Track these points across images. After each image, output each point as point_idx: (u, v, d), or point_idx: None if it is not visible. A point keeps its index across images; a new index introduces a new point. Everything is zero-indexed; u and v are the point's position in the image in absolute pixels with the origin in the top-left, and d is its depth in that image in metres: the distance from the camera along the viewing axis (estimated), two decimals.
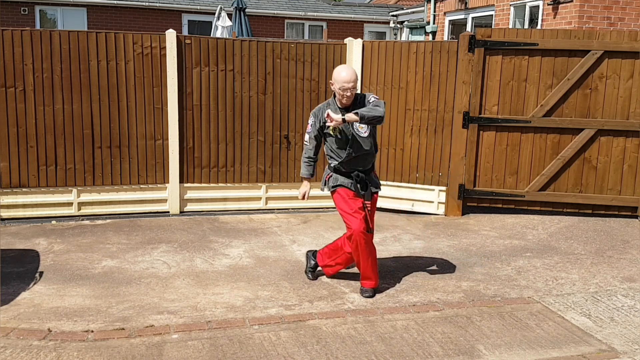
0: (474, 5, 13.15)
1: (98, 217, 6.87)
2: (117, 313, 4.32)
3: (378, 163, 7.49)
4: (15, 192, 6.65)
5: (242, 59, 7.10)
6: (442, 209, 7.37)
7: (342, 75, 4.54)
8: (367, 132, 4.68)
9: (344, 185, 4.74)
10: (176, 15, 18.43)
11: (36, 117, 6.60)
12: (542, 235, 6.56)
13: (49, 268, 5.22)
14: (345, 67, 4.63)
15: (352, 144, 4.64)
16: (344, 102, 4.63)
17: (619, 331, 4.21)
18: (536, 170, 7.13)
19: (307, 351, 3.82)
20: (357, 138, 4.65)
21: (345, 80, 4.52)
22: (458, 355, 3.83)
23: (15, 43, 6.45)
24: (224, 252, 5.79)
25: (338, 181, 4.77)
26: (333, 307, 4.52)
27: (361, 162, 4.74)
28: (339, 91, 4.57)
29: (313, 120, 4.77)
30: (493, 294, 4.86)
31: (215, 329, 4.09)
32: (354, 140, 4.64)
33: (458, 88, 7.09)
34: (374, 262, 4.80)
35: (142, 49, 6.81)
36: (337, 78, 4.56)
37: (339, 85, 4.55)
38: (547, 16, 10.76)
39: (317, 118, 4.74)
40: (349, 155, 4.66)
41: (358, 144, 4.66)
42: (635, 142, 6.98)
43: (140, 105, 6.89)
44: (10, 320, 4.15)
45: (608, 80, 6.90)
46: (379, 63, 7.34)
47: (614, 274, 5.38)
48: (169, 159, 6.99)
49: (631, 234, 6.58)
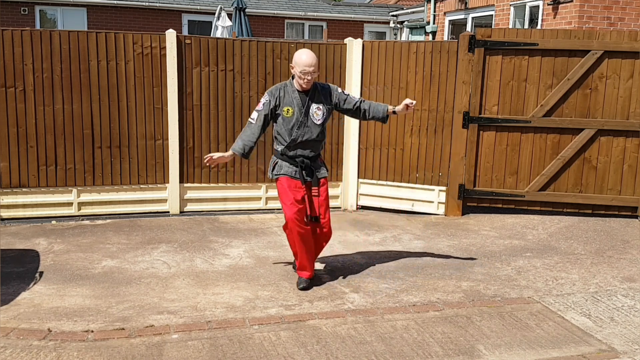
0: (474, 5, 13.15)
1: (98, 217, 6.87)
2: (117, 313, 4.32)
3: (378, 163, 7.50)
4: (15, 192, 6.65)
5: (242, 59, 7.10)
6: (442, 209, 7.37)
7: (304, 59, 4.59)
8: (321, 120, 4.76)
9: (288, 175, 4.77)
10: (176, 15, 18.44)
11: (36, 117, 6.60)
12: (542, 235, 6.56)
13: (49, 268, 5.22)
14: (306, 51, 4.67)
15: (302, 128, 4.70)
16: (304, 87, 4.69)
17: (619, 331, 4.21)
18: (536, 170, 7.13)
19: (307, 351, 3.82)
20: (310, 123, 4.72)
21: (307, 64, 4.58)
22: (458, 355, 3.83)
23: (15, 43, 6.45)
24: (224, 252, 5.79)
25: (282, 169, 4.80)
26: (333, 307, 4.52)
27: (308, 148, 4.79)
28: (300, 74, 4.62)
29: (268, 99, 4.72)
30: (493, 294, 4.86)
31: (215, 329, 4.09)
32: (305, 125, 4.71)
33: (458, 88, 7.10)
34: (311, 252, 4.90)
35: (142, 49, 6.81)
36: (299, 61, 4.61)
37: (300, 69, 4.60)
38: (547, 16, 10.76)
39: (273, 97, 4.72)
40: (295, 139, 4.71)
41: (309, 130, 4.72)
42: (635, 142, 6.98)
43: (140, 105, 6.89)
44: (10, 320, 4.15)
45: (608, 80, 6.90)
46: (379, 63, 7.34)
47: (614, 274, 5.38)
48: (169, 159, 6.99)
49: (631, 234, 6.58)
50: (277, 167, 4.84)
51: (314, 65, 4.61)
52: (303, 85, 4.68)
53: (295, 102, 4.70)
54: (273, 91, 4.76)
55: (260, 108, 4.73)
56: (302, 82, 4.66)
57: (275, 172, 4.85)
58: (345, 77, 7.41)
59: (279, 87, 4.78)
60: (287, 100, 4.71)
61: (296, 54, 4.68)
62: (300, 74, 4.62)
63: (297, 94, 4.71)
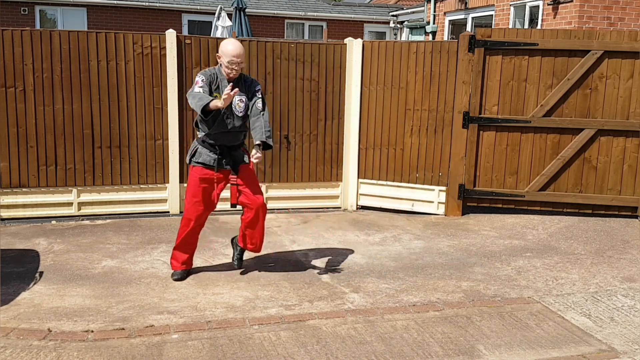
0: (474, 5, 13.15)
1: (98, 217, 6.87)
2: (117, 313, 4.32)
3: (378, 163, 7.50)
4: (15, 192, 6.65)
5: None
6: (442, 209, 7.37)
7: (230, 49, 4.63)
8: (243, 112, 4.77)
9: (205, 163, 4.79)
10: (176, 15, 18.44)
11: (36, 117, 6.60)
12: (542, 235, 6.56)
13: (49, 268, 5.22)
14: (232, 41, 4.71)
15: (225, 117, 4.70)
16: (231, 76, 4.71)
17: (619, 331, 4.22)
18: (536, 170, 7.13)
19: (307, 351, 3.82)
20: (232, 114, 4.73)
21: (234, 54, 4.62)
22: (458, 355, 3.83)
23: (15, 43, 6.45)
24: (224, 252, 5.79)
25: (200, 157, 4.82)
26: (333, 307, 4.52)
27: (228, 139, 4.80)
28: (227, 64, 4.65)
29: (203, 78, 4.68)
30: (493, 294, 4.86)
31: (215, 329, 4.09)
32: (227, 115, 4.71)
33: (458, 88, 7.10)
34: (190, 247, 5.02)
35: (142, 49, 6.81)
36: (225, 51, 4.64)
37: (227, 59, 4.63)
38: (547, 16, 10.76)
39: (207, 77, 4.70)
40: (217, 127, 4.72)
41: (231, 121, 4.74)
42: (635, 142, 6.98)
43: (140, 105, 6.89)
44: (10, 320, 4.15)
45: (608, 80, 6.90)
46: (379, 63, 7.34)
47: (614, 274, 5.38)
48: (169, 159, 6.99)
49: (631, 234, 6.58)
50: (196, 154, 4.85)
51: (241, 56, 4.65)
52: (230, 75, 4.71)
53: (223, 90, 4.68)
54: (207, 72, 4.75)
55: (201, 84, 4.65)
56: (230, 72, 4.68)
57: (194, 159, 4.85)
58: (345, 77, 7.41)
59: (212, 71, 4.77)
60: (218, 85, 4.73)
61: (222, 43, 4.72)
62: (228, 63, 4.64)
63: (226, 82, 4.72)
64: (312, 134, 7.41)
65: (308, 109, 7.34)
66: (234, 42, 4.72)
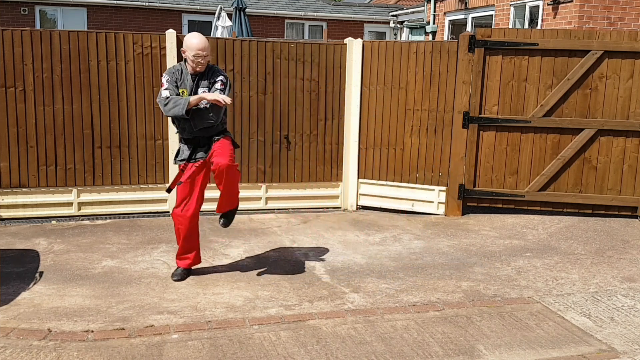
0: (474, 5, 13.15)
1: (98, 217, 6.87)
2: (117, 313, 4.32)
3: (378, 163, 7.50)
4: (15, 192, 6.65)
5: (242, 59, 7.10)
6: (442, 209, 7.37)
7: (195, 42, 4.60)
8: (208, 104, 4.67)
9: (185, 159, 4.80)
10: (176, 15, 18.44)
11: (36, 117, 6.60)
12: (542, 235, 6.56)
13: (49, 268, 5.22)
14: (196, 35, 4.67)
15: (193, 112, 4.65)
16: (197, 70, 4.69)
17: (619, 331, 4.21)
18: (536, 170, 7.13)
19: (307, 351, 3.82)
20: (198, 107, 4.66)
21: (199, 47, 4.59)
22: (458, 355, 3.83)
23: (15, 43, 6.45)
24: (224, 252, 5.79)
25: (183, 155, 4.85)
26: (333, 307, 4.52)
27: (203, 131, 4.76)
28: (192, 58, 4.63)
29: (168, 78, 4.70)
30: (493, 294, 4.86)
31: (215, 329, 4.09)
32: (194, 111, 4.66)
33: (458, 88, 7.10)
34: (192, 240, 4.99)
35: (142, 49, 6.81)
36: (190, 45, 4.61)
37: (192, 53, 4.61)
38: (547, 16, 10.76)
39: (173, 76, 4.71)
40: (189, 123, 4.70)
41: (200, 114, 4.68)
42: (635, 142, 6.98)
43: (140, 105, 6.89)
44: (10, 320, 4.15)
45: (608, 80, 6.90)
46: (379, 63, 7.34)
47: (614, 274, 5.38)
48: (169, 159, 6.99)
49: (631, 234, 6.58)
50: (179, 153, 4.89)
51: (206, 49, 4.63)
52: (197, 69, 4.69)
53: (188, 85, 4.71)
54: (171, 70, 4.77)
55: (167, 86, 4.67)
56: (196, 66, 4.67)
57: (177, 158, 4.89)
58: (345, 77, 7.41)
59: (177, 68, 4.77)
60: (183, 81, 4.73)
61: (186, 37, 4.70)
62: (194, 57, 4.62)
63: (189, 77, 4.72)
64: (312, 134, 7.41)
65: (308, 108, 7.34)
66: (197, 35, 4.68)
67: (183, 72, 4.74)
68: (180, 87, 4.72)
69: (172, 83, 4.69)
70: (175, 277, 5.01)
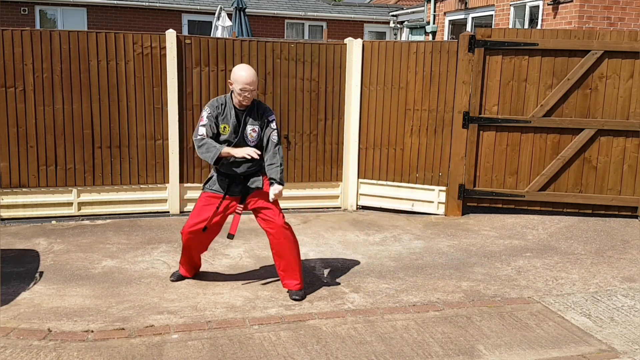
0: (474, 5, 13.15)
1: (98, 217, 6.87)
2: (117, 313, 4.32)
3: (378, 163, 7.50)
4: (15, 192, 6.65)
5: (242, 59, 7.09)
6: (442, 209, 7.37)
7: (243, 76, 4.40)
8: (255, 142, 4.56)
9: (217, 191, 4.64)
10: (176, 15, 18.44)
11: (36, 117, 6.60)
12: (542, 235, 6.56)
13: (49, 268, 5.22)
14: (246, 67, 4.46)
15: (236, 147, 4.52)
16: (244, 104, 4.49)
17: (619, 331, 4.22)
18: (536, 170, 7.13)
19: (307, 351, 3.82)
20: (243, 144, 4.53)
21: (247, 82, 4.39)
22: (458, 355, 3.83)
23: (15, 43, 6.45)
24: (224, 252, 5.79)
25: (214, 185, 4.65)
26: (333, 307, 4.52)
27: (242, 167, 4.58)
28: (239, 91, 4.42)
29: (210, 112, 4.51)
30: (493, 294, 4.86)
31: (215, 329, 4.09)
32: (239, 145, 4.53)
33: (458, 88, 7.10)
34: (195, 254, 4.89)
35: (142, 49, 6.81)
36: (238, 79, 4.41)
37: (239, 87, 4.40)
38: (547, 16, 10.76)
39: (214, 109, 4.51)
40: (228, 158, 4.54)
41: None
42: (635, 142, 6.98)
43: (140, 105, 6.89)
44: (10, 320, 4.15)
45: (608, 80, 6.90)
46: (379, 63, 7.34)
47: (614, 274, 5.38)
48: (169, 159, 6.99)
49: (631, 234, 6.58)
50: (211, 181, 4.69)
51: (254, 83, 4.42)
52: (243, 103, 4.49)
53: (232, 120, 4.52)
54: (214, 104, 4.54)
55: (205, 122, 4.50)
56: (243, 100, 4.47)
57: (207, 186, 4.69)
58: (345, 77, 7.41)
59: (220, 101, 4.55)
60: (226, 116, 4.52)
61: (235, 69, 4.48)
62: (240, 90, 4.41)
63: (234, 112, 4.52)
64: (312, 134, 7.41)
65: (308, 108, 7.34)
66: (246, 68, 4.46)
67: (227, 106, 4.52)
68: (222, 122, 4.51)
69: (212, 119, 4.49)
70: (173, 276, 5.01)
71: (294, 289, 4.70)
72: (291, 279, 4.71)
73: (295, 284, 4.70)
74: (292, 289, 4.71)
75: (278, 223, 4.64)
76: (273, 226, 4.66)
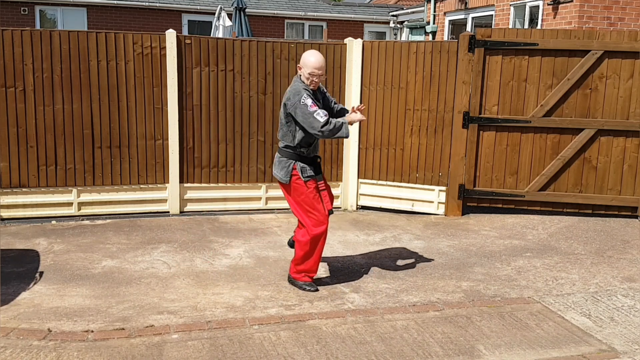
0: (474, 5, 13.15)
1: (98, 217, 6.87)
2: (117, 313, 4.32)
3: (378, 163, 7.50)
4: (15, 192, 6.65)
5: (242, 59, 7.10)
6: (442, 209, 7.37)
7: (312, 61, 4.59)
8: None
9: (313, 177, 4.76)
10: (176, 15, 18.44)
11: (36, 117, 6.60)
12: (542, 235, 6.56)
13: (49, 268, 5.22)
14: (315, 53, 4.65)
15: None
16: (311, 87, 4.68)
17: (619, 331, 4.22)
18: (536, 170, 7.13)
19: (307, 351, 3.82)
20: None
21: (316, 66, 4.58)
22: (458, 355, 3.83)
23: (15, 43, 6.45)
24: (224, 252, 5.79)
25: (307, 172, 4.74)
26: (333, 307, 4.52)
27: (316, 148, 4.88)
28: (308, 76, 4.61)
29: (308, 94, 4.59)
30: (493, 294, 4.86)
31: (215, 329, 4.09)
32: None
33: (458, 88, 7.10)
34: None
35: (142, 49, 6.81)
36: (307, 63, 4.60)
37: (309, 70, 4.59)
38: (547, 16, 10.76)
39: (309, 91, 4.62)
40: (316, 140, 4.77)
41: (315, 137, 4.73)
42: (635, 142, 6.98)
43: (140, 105, 6.89)
44: (10, 320, 4.15)
45: (608, 80, 6.90)
46: (379, 63, 7.34)
47: (614, 274, 5.38)
48: (169, 159, 6.99)
49: (631, 234, 6.58)
50: (303, 170, 4.71)
51: (322, 68, 4.62)
52: (310, 87, 4.67)
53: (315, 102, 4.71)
54: (305, 91, 4.60)
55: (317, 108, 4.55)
56: (308, 83, 4.64)
57: (304, 175, 4.70)
58: (345, 77, 7.41)
59: (302, 86, 4.64)
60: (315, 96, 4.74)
61: (305, 55, 4.67)
62: (309, 75, 4.61)
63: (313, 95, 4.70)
64: None
65: None
66: (315, 54, 4.63)
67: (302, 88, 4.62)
68: None
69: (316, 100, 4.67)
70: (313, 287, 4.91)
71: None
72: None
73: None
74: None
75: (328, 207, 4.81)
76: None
